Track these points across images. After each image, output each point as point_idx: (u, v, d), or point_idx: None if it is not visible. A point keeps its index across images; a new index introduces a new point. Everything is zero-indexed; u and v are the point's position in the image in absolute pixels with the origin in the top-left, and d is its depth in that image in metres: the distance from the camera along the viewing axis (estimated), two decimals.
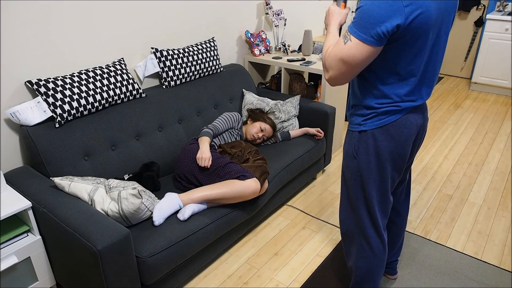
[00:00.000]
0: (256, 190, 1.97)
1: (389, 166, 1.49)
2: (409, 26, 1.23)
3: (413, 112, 1.44)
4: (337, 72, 1.35)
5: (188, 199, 1.87)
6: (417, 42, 1.28)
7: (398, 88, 1.37)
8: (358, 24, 1.25)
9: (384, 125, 1.42)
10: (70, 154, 1.89)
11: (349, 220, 1.63)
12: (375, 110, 1.42)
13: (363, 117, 1.45)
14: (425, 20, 1.24)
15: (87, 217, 1.56)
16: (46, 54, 1.94)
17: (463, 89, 4.91)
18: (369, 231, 1.59)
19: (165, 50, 2.41)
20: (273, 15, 3.24)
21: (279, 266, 2.13)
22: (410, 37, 1.26)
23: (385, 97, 1.39)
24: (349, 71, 1.33)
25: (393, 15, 1.20)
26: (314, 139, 2.65)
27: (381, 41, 1.25)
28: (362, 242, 1.62)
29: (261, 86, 3.41)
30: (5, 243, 1.67)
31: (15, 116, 1.81)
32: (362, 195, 1.55)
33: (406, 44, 1.28)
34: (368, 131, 1.45)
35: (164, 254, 1.68)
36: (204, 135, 2.20)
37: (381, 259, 1.64)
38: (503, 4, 4.61)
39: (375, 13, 1.21)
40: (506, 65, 4.47)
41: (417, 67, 1.35)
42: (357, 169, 1.52)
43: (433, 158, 3.24)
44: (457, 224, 2.45)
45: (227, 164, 2.03)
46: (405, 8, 1.20)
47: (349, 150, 1.53)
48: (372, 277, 1.68)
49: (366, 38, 1.24)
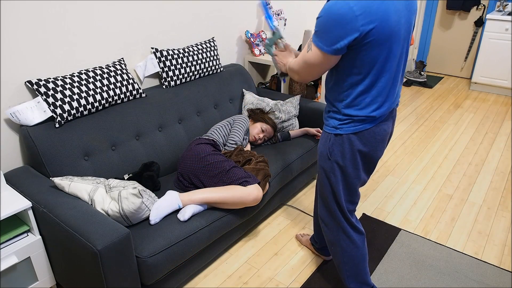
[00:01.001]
0: (258, 198, 1.96)
1: (361, 169, 1.58)
2: (365, 37, 1.30)
3: (385, 120, 1.54)
4: (302, 72, 1.49)
5: (189, 200, 1.87)
6: (379, 50, 1.35)
7: (369, 97, 1.45)
8: (318, 35, 1.36)
9: (359, 131, 1.49)
10: (70, 154, 1.89)
11: (327, 219, 1.71)
12: (350, 117, 1.48)
13: (339, 121, 1.51)
14: (381, 32, 1.31)
15: (87, 217, 1.56)
16: (46, 54, 1.94)
17: (463, 89, 4.91)
18: (344, 225, 1.68)
19: (165, 50, 2.41)
20: (273, 15, 3.24)
21: (279, 266, 2.13)
22: (369, 46, 1.33)
23: (357, 108, 1.47)
24: (314, 72, 1.46)
25: (350, 31, 1.28)
26: (314, 139, 2.65)
27: (339, 52, 1.34)
28: (342, 237, 1.69)
29: (261, 86, 3.42)
30: (5, 243, 1.67)
31: (15, 116, 1.81)
32: (333, 194, 1.63)
33: (368, 51, 1.35)
34: (344, 135, 1.51)
35: (164, 254, 1.68)
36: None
37: (363, 249, 1.71)
38: (503, 4, 4.61)
39: (333, 29, 1.30)
40: (506, 65, 4.47)
41: (382, 74, 1.41)
42: (331, 169, 1.58)
43: (433, 158, 3.24)
44: (457, 224, 2.45)
45: (231, 169, 2.01)
46: (361, 26, 1.27)
47: (323, 151, 1.59)
48: (359, 269, 1.72)
49: (324, 49, 1.35)
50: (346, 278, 1.75)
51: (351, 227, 1.68)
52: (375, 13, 1.27)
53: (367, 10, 1.26)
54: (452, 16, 5.12)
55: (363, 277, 1.74)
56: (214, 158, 2.04)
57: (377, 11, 1.28)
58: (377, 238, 2.30)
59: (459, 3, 4.91)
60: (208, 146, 2.13)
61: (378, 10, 1.28)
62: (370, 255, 2.17)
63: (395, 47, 1.38)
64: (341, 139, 1.51)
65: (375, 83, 1.42)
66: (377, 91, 1.43)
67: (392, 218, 2.51)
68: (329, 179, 1.61)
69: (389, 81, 1.44)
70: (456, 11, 5.07)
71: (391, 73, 1.43)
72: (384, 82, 1.43)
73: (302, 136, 2.68)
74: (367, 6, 1.26)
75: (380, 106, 1.47)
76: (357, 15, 1.26)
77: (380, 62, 1.38)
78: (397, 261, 2.13)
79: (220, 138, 2.29)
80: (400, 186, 2.86)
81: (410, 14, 1.41)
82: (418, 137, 3.63)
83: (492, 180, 2.93)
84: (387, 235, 2.33)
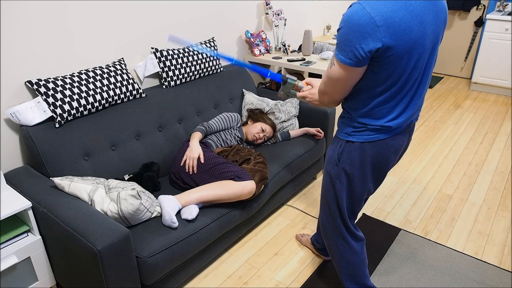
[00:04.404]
0: (252, 190, 1.97)
1: (369, 179, 1.53)
2: (387, 50, 1.24)
3: (400, 133, 1.48)
4: (329, 90, 1.41)
5: (185, 202, 1.87)
6: (400, 63, 1.29)
7: (386, 109, 1.39)
8: (339, 47, 1.29)
9: (373, 141, 1.44)
10: (70, 154, 1.89)
11: (327, 223, 1.70)
12: (365, 125, 1.43)
13: (353, 128, 1.46)
14: (402, 46, 1.25)
15: (87, 217, 1.55)
16: (46, 54, 1.94)
17: (463, 89, 4.91)
18: (344, 232, 1.66)
19: (165, 50, 2.41)
20: (273, 15, 3.24)
21: (279, 266, 2.13)
22: (390, 60, 1.27)
23: (373, 117, 1.41)
24: (340, 88, 1.38)
25: (372, 42, 1.22)
26: (314, 139, 2.65)
27: (362, 63, 1.27)
28: (341, 243, 1.68)
29: (261, 86, 3.42)
30: (5, 243, 1.67)
31: (15, 116, 1.81)
32: (336, 201, 1.60)
33: (389, 64, 1.29)
34: (356, 142, 1.46)
35: (164, 254, 1.68)
36: (195, 131, 2.22)
37: (361, 254, 1.70)
38: (503, 4, 4.61)
39: (354, 40, 1.24)
40: (506, 65, 4.47)
41: (403, 87, 1.36)
42: (337, 176, 1.55)
43: (433, 158, 3.24)
44: (457, 224, 2.45)
45: (223, 164, 2.02)
46: (383, 38, 1.22)
47: (332, 157, 1.55)
48: (358, 273, 1.72)
49: (347, 62, 1.28)
50: (344, 280, 1.75)
51: (350, 234, 1.67)
52: (397, 26, 1.21)
53: (388, 22, 1.20)
54: (452, 16, 5.12)
55: (362, 280, 1.73)
56: (204, 156, 2.07)
57: (399, 23, 1.22)
58: (377, 238, 2.30)
59: (459, 3, 4.91)
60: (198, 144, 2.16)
61: (400, 23, 1.22)
62: (370, 255, 2.18)
63: (419, 59, 1.31)
64: (353, 147, 1.47)
65: (395, 95, 1.36)
66: (395, 102, 1.38)
67: (392, 218, 2.51)
68: (334, 186, 1.57)
69: (411, 93, 1.38)
70: (456, 11, 5.07)
71: (413, 85, 1.37)
72: (404, 94, 1.37)
73: (302, 136, 2.68)
74: (389, 18, 1.20)
75: (398, 116, 1.40)
76: (379, 26, 1.20)
77: (402, 75, 1.32)
78: (397, 261, 2.13)
79: (215, 128, 2.36)
80: (400, 186, 2.86)
81: (438, 23, 1.33)
82: (418, 137, 3.63)
83: (492, 180, 2.93)
84: (387, 235, 2.33)
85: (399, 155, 1.56)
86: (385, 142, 1.44)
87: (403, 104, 1.39)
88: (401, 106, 1.39)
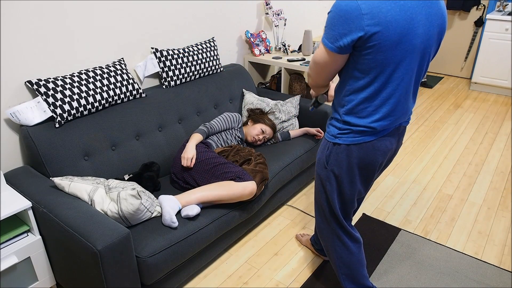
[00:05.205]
0: (253, 191, 1.97)
1: (358, 181, 1.54)
2: (370, 39, 1.26)
3: (388, 135, 1.47)
4: (312, 73, 1.46)
5: (186, 202, 1.87)
6: (384, 56, 1.29)
7: (371, 107, 1.39)
8: (325, 31, 1.33)
9: (358, 143, 1.44)
10: (70, 154, 1.89)
11: (323, 225, 1.71)
12: (350, 126, 1.43)
13: (339, 130, 1.47)
14: (387, 37, 1.25)
15: (87, 217, 1.56)
16: (46, 54, 1.94)
17: (463, 89, 4.91)
18: (339, 233, 1.67)
19: (165, 50, 2.41)
20: (273, 15, 3.24)
21: (279, 266, 2.13)
22: (374, 50, 1.28)
23: (358, 115, 1.41)
24: (321, 72, 1.42)
25: (354, 29, 1.24)
26: (314, 139, 2.65)
27: (343, 50, 1.30)
28: (337, 243, 1.69)
29: (261, 86, 3.41)
30: (5, 243, 1.67)
31: (15, 116, 1.81)
32: (327, 202, 1.61)
33: (372, 55, 1.29)
34: (342, 145, 1.46)
35: (164, 254, 1.68)
36: (196, 132, 2.21)
37: (359, 255, 1.70)
38: (503, 4, 4.61)
39: (338, 25, 1.27)
40: (506, 65, 4.47)
41: (388, 83, 1.35)
42: (327, 178, 1.56)
43: (433, 158, 3.24)
44: (457, 224, 2.45)
45: (224, 164, 2.02)
46: (366, 26, 1.23)
47: (321, 159, 1.56)
48: (356, 273, 1.72)
49: (329, 45, 1.32)
50: (343, 281, 1.75)
51: (345, 234, 1.67)
52: (383, 16, 1.22)
53: (374, 11, 1.22)
54: (452, 16, 5.12)
55: (360, 280, 1.73)
56: (205, 155, 2.07)
57: (385, 14, 1.22)
58: (377, 238, 2.30)
59: (459, 3, 4.91)
60: (199, 144, 2.15)
61: (387, 14, 1.22)
62: (370, 255, 2.17)
63: (405, 56, 1.30)
64: (339, 149, 1.47)
65: (379, 93, 1.35)
66: (380, 101, 1.37)
67: (392, 218, 2.51)
68: (325, 187, 1.59)
69: (397, 94, 1.37)
70: (456, 11, 5.07)
71: (402, 86, 1.36)
72: (390, 93, 1.36)
73: (302, 136, 2.68)
74: (375, 6, 1.22)
75: (383, 118, 1.39)
76: (364, 14, 1.21)
77: (386, 70, 1.31)
78: (397, 261, 2.13)
79: (218, 128, 2.35)
80: (400, 186, 2.86)
81: (431, 27, 1.32)
82: (418, 137, 3.63)
83: (492, 180, 2.93)
84: (387, 235, 2.33)
85: (387, 157, 1.55)
86: (372, 144, 1.44)
87: (389, 105, 1.38)
88: (387, 107, 1.38)
